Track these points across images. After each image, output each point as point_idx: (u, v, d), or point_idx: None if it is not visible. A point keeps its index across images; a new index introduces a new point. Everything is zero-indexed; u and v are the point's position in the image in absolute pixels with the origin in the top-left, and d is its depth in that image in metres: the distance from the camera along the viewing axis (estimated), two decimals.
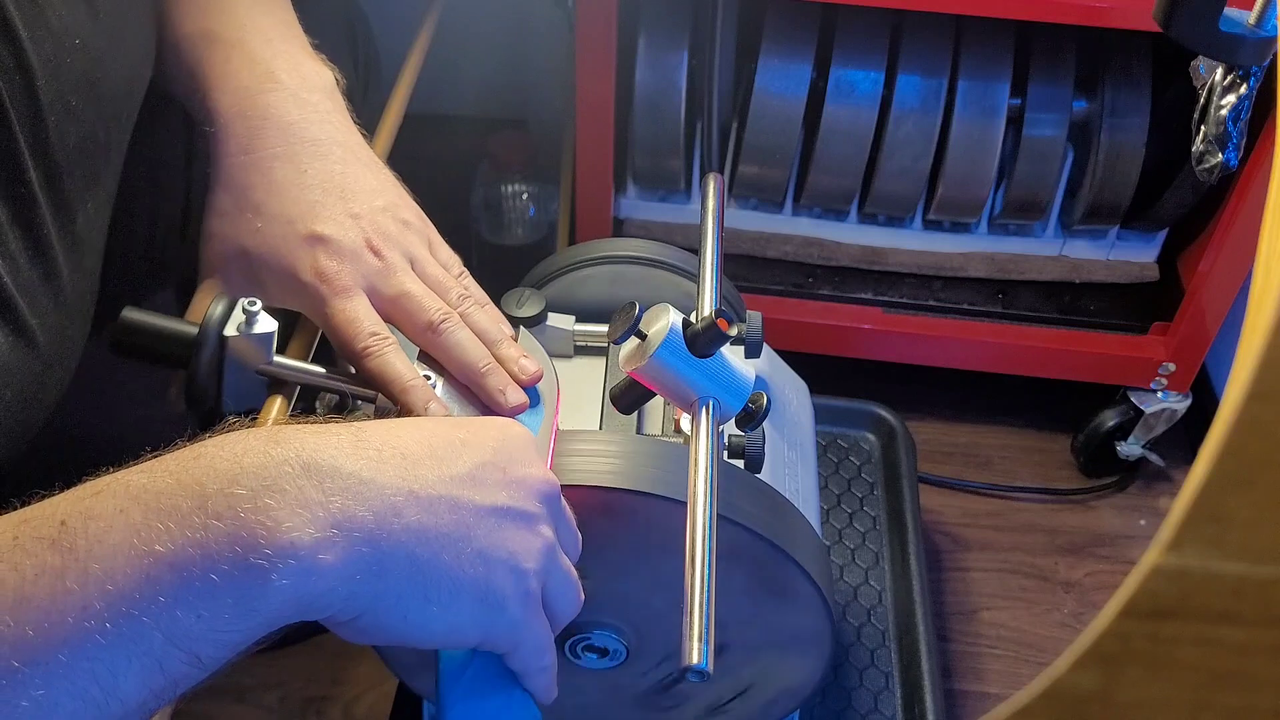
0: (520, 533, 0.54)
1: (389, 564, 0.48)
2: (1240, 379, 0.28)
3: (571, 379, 0.78)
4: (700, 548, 0.55)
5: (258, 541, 0.44)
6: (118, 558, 0.42)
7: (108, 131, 0.61)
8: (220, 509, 0.44)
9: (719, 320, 0.61)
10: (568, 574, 0.58)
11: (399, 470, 0.51)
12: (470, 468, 0.53)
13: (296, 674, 1.06)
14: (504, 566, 0.53)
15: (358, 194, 0.64)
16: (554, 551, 0.56)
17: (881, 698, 0.95)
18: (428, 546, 0.50)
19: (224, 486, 0.45)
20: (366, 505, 0.48)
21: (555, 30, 1.27)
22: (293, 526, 0.45)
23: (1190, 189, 1.11)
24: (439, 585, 0.50)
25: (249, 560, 0.44)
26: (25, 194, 0.54)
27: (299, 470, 0.47)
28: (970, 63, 1.10)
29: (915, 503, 1.08)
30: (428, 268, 0.65)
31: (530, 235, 1.33)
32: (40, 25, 0.54)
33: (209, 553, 0.43)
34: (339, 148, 0.65)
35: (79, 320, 0.61)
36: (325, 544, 0.46)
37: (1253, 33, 0.63)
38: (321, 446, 0.49)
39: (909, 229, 1.21)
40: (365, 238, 0.62)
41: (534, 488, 0.55)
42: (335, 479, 0.48)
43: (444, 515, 0.51)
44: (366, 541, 0.47)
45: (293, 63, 0.67)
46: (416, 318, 0.63)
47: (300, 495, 0.46)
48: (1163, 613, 0.30)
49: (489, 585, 0.52)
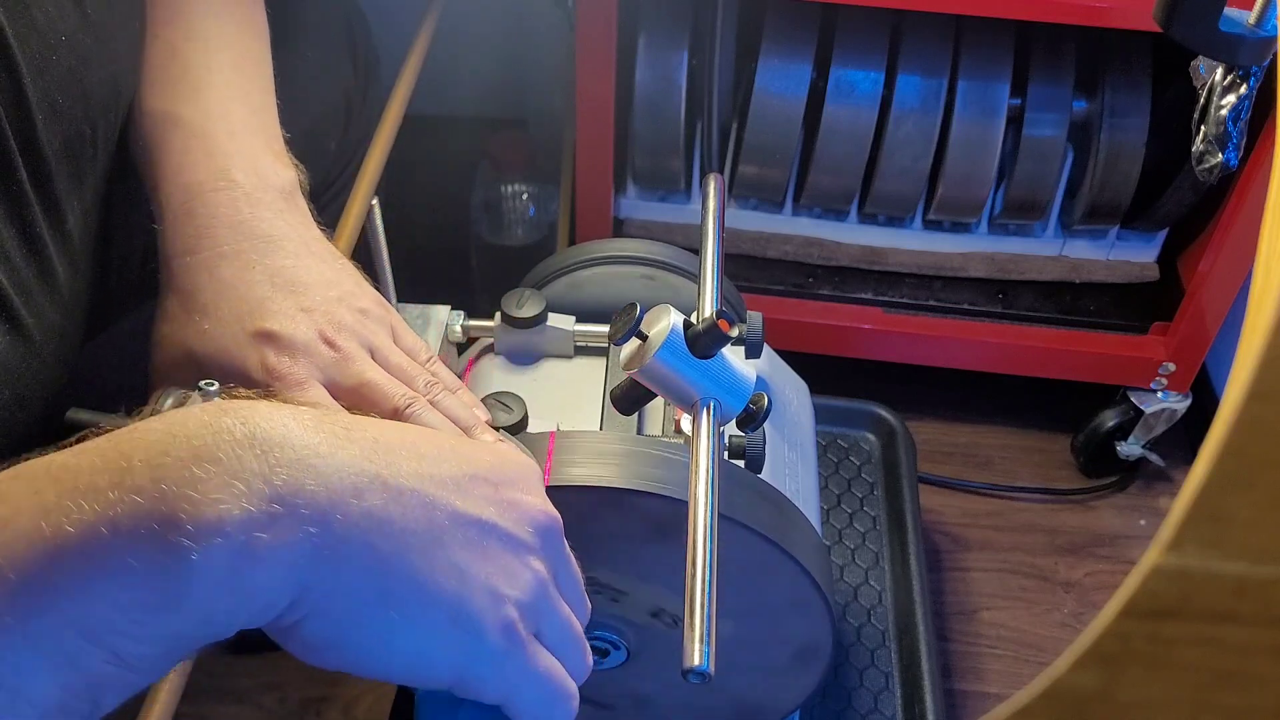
0: (504, 556, 0.48)
1: (342, 553, 0.42)
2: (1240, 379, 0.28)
3: (571, 379, 0.78)
4: (701, 548, 0.55)
5: (179, 517, 0.38)
6: (20, 543, 0.38)
7: (94, 129, 0.60)
8: (142, 482, 0.39)
9: (720, 321, 0.61)
10: (568, 624, 0.51)
11: (367, 452, 0.44)
12: (456, 474, 0.48)
13: (295, 675, 1.06)
14: (481, 587, 0.46)
15: (310, 286, 0.60)
16: (547, 591, 0.50)
17: (881, 698, 0.95)
18: (391, 541, 0.43)
19: (151, 458, 0.39)
20: (319, 480, 0.42)
21: (555, 30, 1.27)
22: (222, 499, 0.39)
23: (1190, 189, 1.11)
24: (402, 590, 0.44)
25: (168, 539, 0.38)
26: (17, 192, 0.54)
27: (241, 438, 0.41)
28: (970, 63, 1.10)
29: (915, 503, 1.08)
30: (390, 356, 0.61)
31: (530, 235, 1.33)
32: (26, 23, 0.54)
33: (123, 532, 0.38)
34: (290, 242, 0.61)
35: (76, 319, 0.61)
36: (263, 521, 0.40)
37: (1253, 33, 0.63)
38: (275, 417, 0.42)
39: (909, 229, 1.21)
40: (318, 329, 0.58)
41: (529, 514, 0.50)
42: (284, 450, 0.41)
43: (414, 510, 0.45)
44: (316, 521, 0.41)
45: (251, 161, 0.62)
46: (380, 405, 0.58)
47: (236, 465, 0.40)
48: (1163, 613, 0.30)
49: (462, 603, 0.45)
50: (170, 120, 0.63)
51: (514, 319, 0.77)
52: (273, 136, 0.66)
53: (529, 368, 0.80)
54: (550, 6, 1.25)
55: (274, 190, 0.62)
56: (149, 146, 0.63)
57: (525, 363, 0.80)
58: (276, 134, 0.66)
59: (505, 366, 0.80)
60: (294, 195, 0.64)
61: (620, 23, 1.04)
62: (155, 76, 0.65)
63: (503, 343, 0.80)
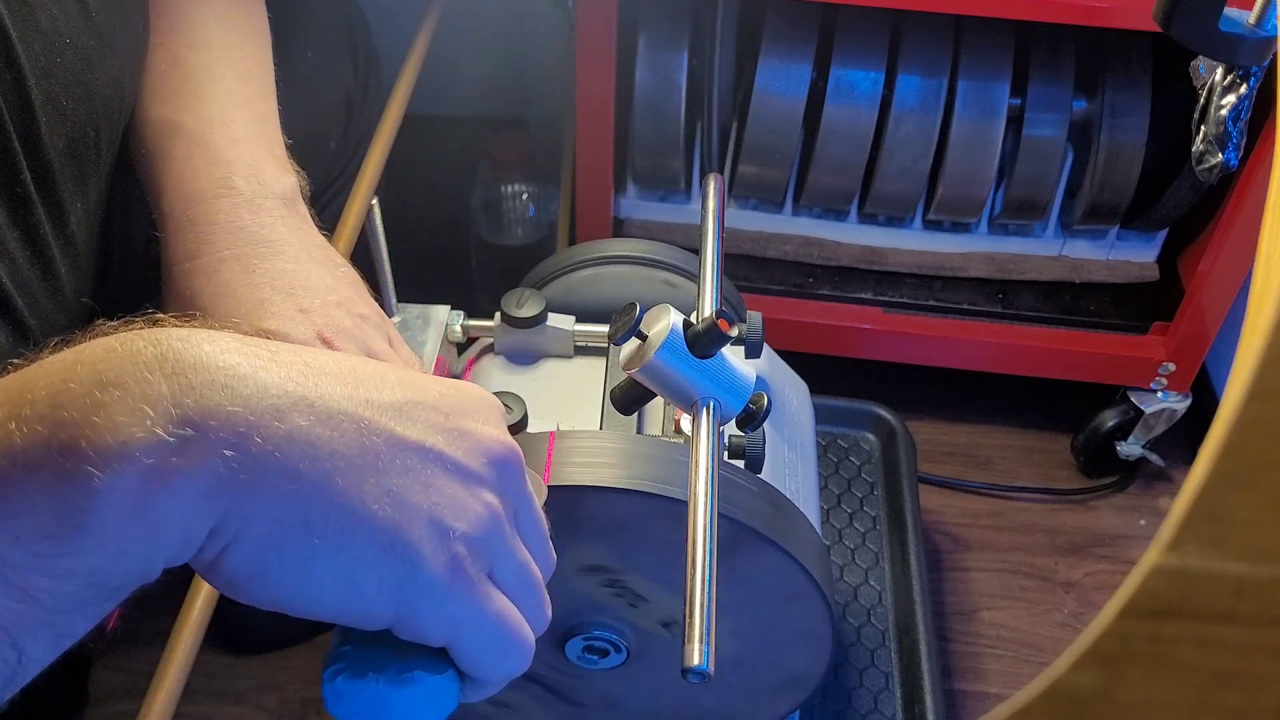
0: (452, 486, 0.43)
1: (262, 478, 0.39)
2: (1240, 379, 0.28)
3: (571, 379, 0.78)
4: (701, 548, 0.55)
5: (79, 444, 0.36)
6: None
7: (97, 132, 0.60)
8: (42, 410, 0.36)
9: (719, 321, 0.61)
10: (524, 567, 0.47)
11: (294, 375, 0.41)
12: (397, 399, 0.43)
13: (295, 675, 1.06)
14: (420, 516, 0.42)
15: (310, 290, 0.60)
16: (500, 528, 0.45)
17: (881, 698, 0.95)
18: (317, 464, 0.40)
19: (53, 385, 0.37)
20: (238, 400, 0.39)
21: (555, 30, 1.27)
22: (128, 422, 0.36)
23: (1190, 189, 1.11)
24: (327, 516, 0.40)
25: (67, 467, 0.36)
26: (21, 194, 0.54)
27: (151, 360, 0.38)
28: (970, 63, 1.10)
29: (915, 503, 1.08)
30: (387, 360, 0.61)
31: (530, 235, 1.33)
32: (30, 25, 0.54)
33: (20, 461, 0.36)
34: (291, 247, 0.61)
35: (78, 320, 0.61)
36: (173, 446, 0.37)
37: (1253, 33, 0.63)
38: (190, 339, 0.39)
39: (909, 229, 1.21)
40: (316, 331, 0.58)
41: (483, 445, 0.45)
42: (197, 372, 0.38)
43: (346, 433, 0.41)
44: (233, 444, 0.38)
45: (253, 169, 0.62)
46: None
47: (144, 389, 0.37)
48: (1163, 613, 0.30)
49: (398, 532, 0.41)
50: (172, 128, 0.63)
51: (514, 319, 0.77)
52: (274, 143, 0.66)
53: (529, 368, 0.80)
54: (550, 6, 1.25)
55: (275, 197, 0.63)
56: (151, 154, 0.63)
57: (525, 363, 0.80)
58: (278, 140, 0.66)
59: (505, 366, 0.80)
60: (295, 201, 0.64)
61: (620, 23, 1.04)
62: (158, 84, 0.65)
63: (503, 343, 0.80)
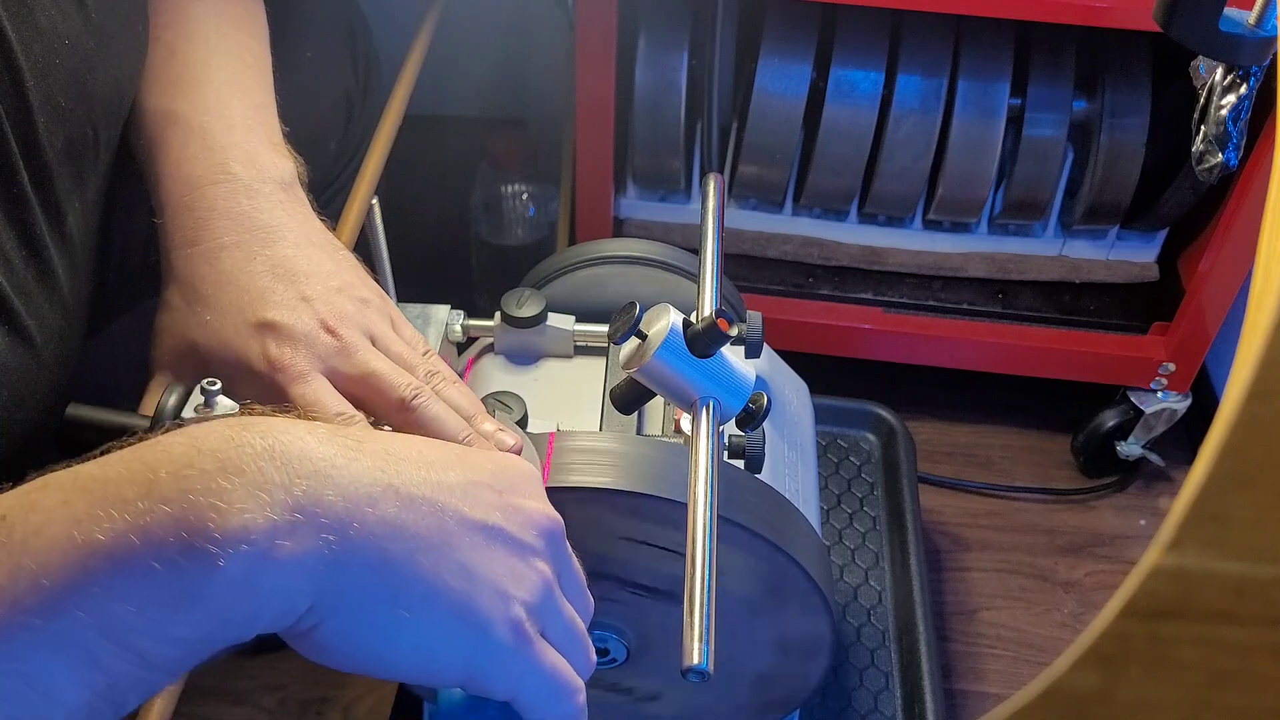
0: (511, 559, 0.50)
1: (357, 558, 0.44)
2: (1240, 379, 0.28)
3: (571, 379, 0.78)
4: (700, 548, 0.55)
5: (206, 525, 0.40)
6: (53, 551, 0.39)
7: (96, 131, 0.60)
8: (169, 493, 0.41)
9: (719, 320, 0.61)
10: (571, 623, 0.53)
11: (379, 463, 0.47)
12: (461, 481, 0.50)
13: (296, 676, 1.06)
14: (488, 587, 0.48)
15: (311, 276, 0.60)
16: (552, 592, 0.52)
17: (881, 698, 0.95)
18: (402, 544, 0.46)
19: (176, 470, 0.41)
20: (337, 490, 0.44)
21: (555, 30, 1.27)
22: (247, 509, 0.41)
23: (1190, 189, 1.11)
24: (413, 592, 0.46)
25: (194, 545, 0.40)
26: (18, 195, 0.54)
27: (262, 451, 0.43)
28: (970, 63, 1.10)
29: (915, 503, 1.08)
30: (391, 344, 0.62)
31: (530, 235, 1.33)
32: (29, 26, 0.54)
33: (151, 539, 0.40)
34: (291, 233, 0.62)
35: (76, 321, 0.61)
36: (285, 529, 0.42)
37: (1253, 33, 0.63)
38: (292, 431, 0.45)
39: (909, 229, 1.21)
40: (319, 319, 0.59)
41: (533, 519, 0.52)
42: (303, 462, 0.44)
43: (425, 516, 0.47)
44: (333, 529, 0.44)
45: (250, 154, 0.63)
46: (387, 395, 0.59)
47: (260, 477, 0.42)
48: (1163, 613, 0.30)
49: (471, 603, 0.47)
50: (169, 117, 0.64)
51: (514, 319, 0.77)
52: (271, 130, 0.66)
53: (529, 367, 0.80)
54: (550, 6, 1.25)
55: (273, 182, 0.63)
56: (149, 143, 0.64)
57: (525, 362, 0.80)
58: (275, 128, 0.67)
59: (505, 366, 0.80)
60: (293, 186, 0.65)
61: (620, 23, 1.04)
62: (155, 76, 0.65)
63: (503, 342, 0.80)
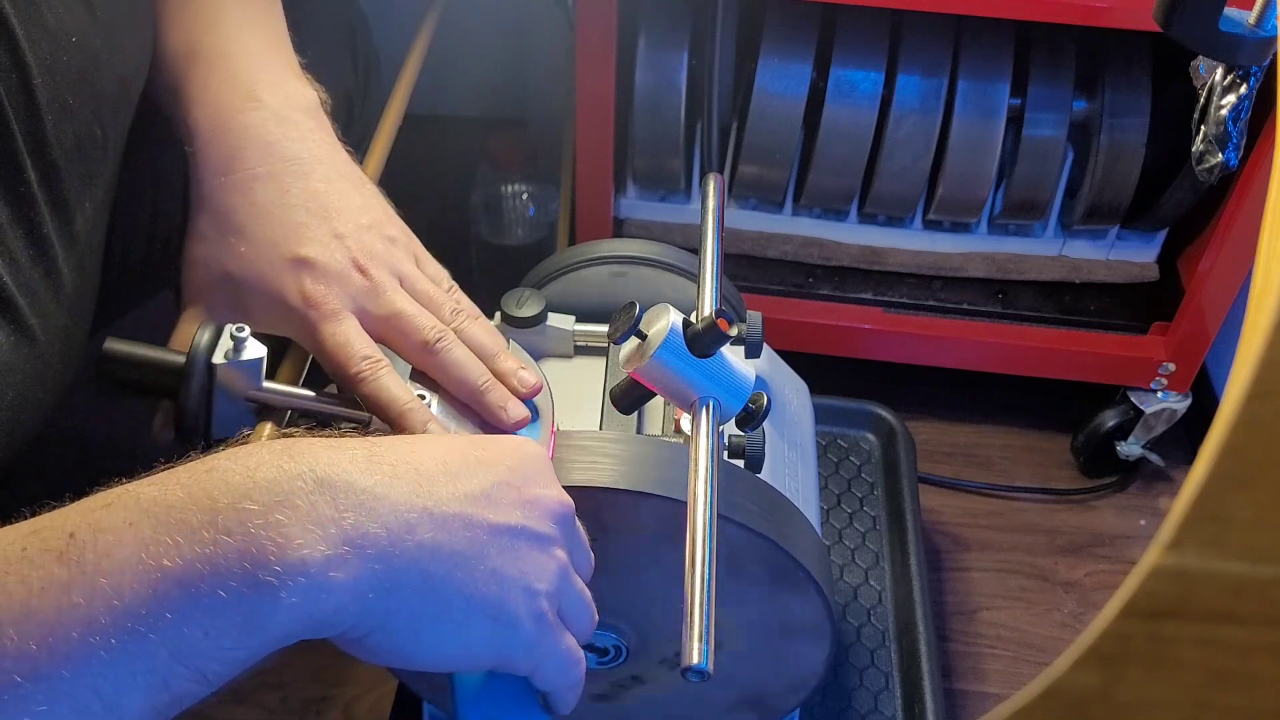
0: (534, 554, 0.54)
1: (402, 581, 0.48)
2: (1240, 379, 0.28)
3: (571, 379, 0.78)
4: (700, 548, 0.55)
5: (268, 558, 0.44)
6: (125, 573, 0.42)
7: (104, 129, 0.60)
8: (231, 524, 0.44)
9: (719, 320, 0.61)
10: (581, 595, 0.58)
11: (413, 487, 0.50)
12: (485, 486, 0.53)
13: (297, 674, 1.06)
14: (517, 586, 0.52)
15: (342, 212, 0.62)
16: (567, 573, 0.56)
17: (881, 698, 0.95)
18: (441, 564, 0.50)
19: (235, 501, 0.45)
20: (380, 521, 0.48)
21: (555, 30, 1.27)
22: (304, 544, 0.45)
23: (1190, 189, 1.11)
24: (451, 603, 0.50)
25: (258, 577, 0.43)
26: (25, 193, 0.54)
27: (313, 485, 0.47)
28: (970, 63, 1.10)
29: (915, 503, 1.08)
30: (418, 284, 0.64)
31: (530, 235, 1.33)
32: (37, 24, 0.54)
33: (218, 569, 0.43)
34: (322, 165, 0.64)
35: (80, 320, 0.61)
36: (337, 561, 0.46)
37: (1253, 33, 0.63)
38: (336, 461, 0.48)
39: (909, 229, 1.21)
40: (351, 257, 0.61)
41: (549, 509, 0.55)
42: (349, 494, 0.48)
43: (458, 533, 0.51)
44: (379, 559, 0.47)
45: (276, 81, 0.65)
46: (412, 337, 0.62)
47: (313, 511, 0.46)
48: (1163, 613, 0.30)
49: (502, 604, 0.52)
50: (191, 52, 0.65)
51: (514, 319, 0.77)
52: (291, 60, 0.68)
53: None
54: (550, 6, 1.25)
55: (300, 110, 0.65)
56: (172, 81, 0.65)
57: None
58: (293, 59, 0.68)
59: None
60: (319, 114, 0.66)
61: (620, 23, 1.04)
62: (173, 18, 0.67)
63: None
